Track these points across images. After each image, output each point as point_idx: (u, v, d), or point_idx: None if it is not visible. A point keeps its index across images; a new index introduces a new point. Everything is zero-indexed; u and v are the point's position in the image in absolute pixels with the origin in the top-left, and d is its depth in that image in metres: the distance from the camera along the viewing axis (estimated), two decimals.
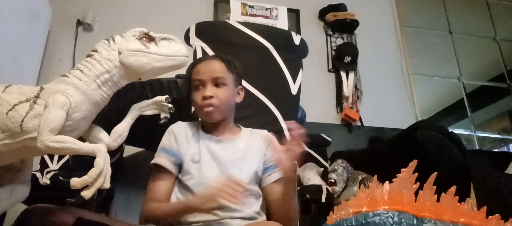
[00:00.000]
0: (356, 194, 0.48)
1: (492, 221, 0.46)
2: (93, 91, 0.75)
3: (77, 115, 0.73)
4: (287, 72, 1.48)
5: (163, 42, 0.81)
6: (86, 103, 0.74)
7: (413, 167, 0.47)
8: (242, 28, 1.48)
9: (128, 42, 0.78)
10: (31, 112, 0.69)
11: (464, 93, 3.00)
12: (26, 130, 0.69)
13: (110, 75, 0.77)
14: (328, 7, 2.85)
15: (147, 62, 0.78)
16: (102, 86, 0.76)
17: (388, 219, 0.44)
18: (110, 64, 0.76)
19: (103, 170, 0.67)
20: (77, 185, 0.64)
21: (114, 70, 0.77)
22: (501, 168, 1.73)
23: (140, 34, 0.80)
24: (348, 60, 2.66)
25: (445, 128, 1.71)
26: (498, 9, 3.40)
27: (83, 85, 0.74)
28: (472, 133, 2.91)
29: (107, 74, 0.76)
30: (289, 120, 1.41)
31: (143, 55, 0.78)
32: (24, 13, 1.90)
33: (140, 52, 0.77)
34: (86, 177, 0.64)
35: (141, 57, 0.77)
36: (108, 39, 0.80)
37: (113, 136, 0.83)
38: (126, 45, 0.78)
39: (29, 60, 2.02)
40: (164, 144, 1.09)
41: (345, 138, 2.52)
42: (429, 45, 3.15)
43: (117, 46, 0.78)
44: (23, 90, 0.73)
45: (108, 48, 0.78)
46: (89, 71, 0.75)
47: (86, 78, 0.74)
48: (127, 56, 0.77)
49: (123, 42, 0.78)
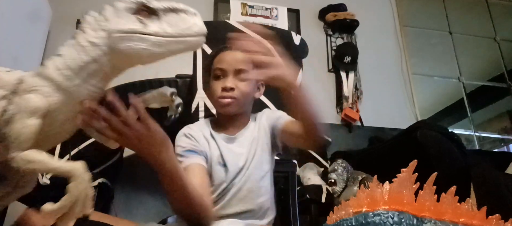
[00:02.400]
0: (356, 194, 0.48)
1: (492, 221, 0.46)
2: (77, 88, 0.58)
3: (59, 118, 0.59)
4: None
5: (169, 16, 0.58)
6: (69, 103, 0.58)
7: (413, 167, 0.47)
8: (242, 28, 1.48)
9: (119, 19, 0.57)
10: (5, 115, 0.56)
11: (464, 93, 3.01)
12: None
13: (99, 65, 0.58)
14: (328, 7, 2.85)
15: (144, 48, 0.56)
16: (89, 80, 0.58)
17: (388, 219, 0.44)
18: (98, 51, 0.57)
19: (80, 197, 0.55)
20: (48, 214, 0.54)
21: (104, 59, 0.58)
22: (501, 168, 1.73)
23: (137, 6, 0.57)
24: (348, 60, 2.66)
25: (445, 128, 1.71)
26: (498, 9, 3.40)
27: (64, 82, 0.57)
28: (472, 133, 2.91)
29: (95, 64, 0.58)
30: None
31: (139, 38, 0.56)
32: (24, 13, 1.90)
33: (135, 35, 0.56)
34: (59, 205, 0.53)
35: (137, 41, 0.56)
36: (100, 11, 0.61)
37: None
38: (116, 24, 0.57)
39: (29, 60, 2.02)
40: (185, 147, 1.00)
41: (345, 138, 2.52)
42: (429, 45, 3.15)
43: (106, 25, 0.58)
44: (3, 81, 0.59)
45: (96, 27, 0.59)
46: (72, 60, 0.57)
47: (68, 70, 0.57)
48: (117, 40, 0.56)
49: (113, 19, 0.58)
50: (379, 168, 0.97)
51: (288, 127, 1.03)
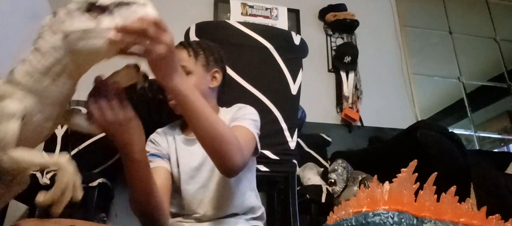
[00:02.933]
0: (356, 194, 0.48)
1: (492, 221, 0.46)
2: (47, 88, 0.60)
3: (37, 118, 0.61)
4: (287, 72, 1.48)
5: (121, 9, 0.58)
6: (43, 104, 0.61)
7: (413, 167, 0.47)
8: (242, 28, 1.48)
9: (72, 20, 0.58)
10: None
11: (464, 93, 3.01)
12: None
13: (63, 65, 0.59)
14: (328, 7, 2.85)
15: (101, 44, 0.57)
16: (58, 79, 0.60)
17: (388, 219, 0.44)
18: (58, 54, 0.59)
19: (69, 184, 0.58)
20: (44, 202, 0.58)
21: (66, 59, 0.59)
22: (501, 168, 1.73)
23: (86, 5, 0.58)
24: (348, 60, 2.66)
25: (445, 128, 1.71)
26: (498, 9, 3.40)
27: (33, 85, 0.59)
28: (472, 133, 2.91)
29: (59, 65, 0.59)
30: (288, 120, 1.42)
31: (94, 36, 0.57)
32: (24, 13, 1.90)
33: (90, 33, 0.57)
34: (51, 193, 0.57)
35: (93, 39, 0.57)
36: (53, 13, 0.61)
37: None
38: (70, 25, 0.58)
39: None
40: (152, 151, 1.05)
41: (345, 138, 2.52)
42: (429, 45, 3.15)
43: (61, 28, 0.59)
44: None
45: (50, 33, 0.59)
46: (37, 63, 0.59)
47: (36, 74, 0.59)
48: (75, 40, 0.57)
49: (67, 21, 0.58)
50: (379, 168, 0.97)
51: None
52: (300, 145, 2.10)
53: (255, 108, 1.35)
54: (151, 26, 0.60)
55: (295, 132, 1.44)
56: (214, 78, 1.12)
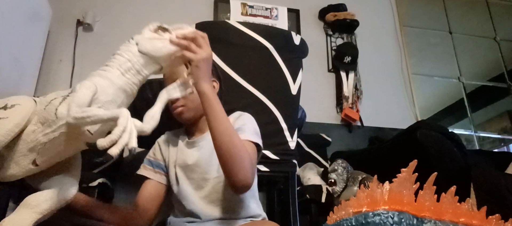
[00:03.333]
0: (356, 194, 0.48)
1: (492, 221, 0.46)
2: (117, 77, 0.79)
3: (104, 98, 0.76)
4: (287, 72, 1.48)
5: (178, 30, 0.86)
6: (111, 88, 0.78)
7: (413, 167, 0.47)
8: (242, 28, 1.48)
9: (144, 35, 0.84)
10: (64, 102, 0.76)
11: (464, 93, 3.01)
12: (59, 117, 0.74)
13: (132, 63, 0.81)
14: (328, 7, 2.85)
15: (163, 45, 0.82)
16: (125, 73, 0.80)
17: (388, 219, 0.44)
18: (130, 54, 0.81)
19: (127, 128, 0.69)
20: (104, 144, 0.66)
21: (134, 59, 0.81)
22: (501, 168, 1.73)
23: (155, 27, 0.84)
24: (348, 60, 2.66)
25: (445, 128, 1.71)
26: (498, 9, 3.40)
27: (107, 74, 0.79)
28: (472, 133, 2.91)
29: (129, 62, 0.81)
30: (288, 120, 1.42)
31: (158, 40, 0.83)
32: (24, 13, 1.90)
33: (155, 39, 0.83)
34: (111, 135, 0.67)
35: (157, 42, 0.82)
36: (128, 40, 0.86)
37: (146, 118, 0.82)
38: (142, 36, 0.83)
39: (29, 60, 2.02)
40: (149, 156, 1.17)
41: (345, 138, 2.52)
42: (429, 45, 3.15)
43: (135, 41, 0.83)
44: (60, 93, 0.81)
45: (127, 44, 0.84)
46: (112, 63, 0.81)
47: (110, 68, 0.80)
48: (144, 43, 0.82)
49: (140, 36, 0.84)
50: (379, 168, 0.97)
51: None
52: (300, 145, 2.10)
53: (255, 108, 1.35)
54: (199, 37, 0.87)
55: (295, 132, 1.44)
56: (213, 87, 1.15)
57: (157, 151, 1.17)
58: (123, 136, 0.68)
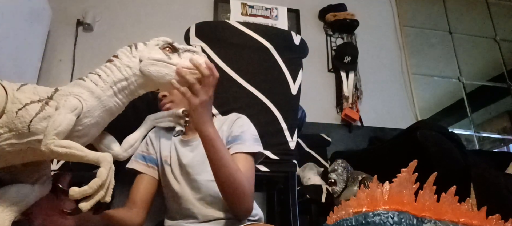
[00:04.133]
0: (356, 194, 0.48)
1: (492, 221, 0.46)
2: (108, 98, 0.71)
3: (88, 121, 0.69)
4: (287, 72, 1.48)
5: (186, 54, 0.78)
6: (99, 109, 0.70)
7: (413, 167, 0.47)
8: (242, 28, 1.48)
9: (150, 51, 0.75)
10: (41, 113, 0.65)
11: (464, 93, 3.01)
12: (33, 132, 0.64)
13: (128, 83, 0.73)
14: (328, 7, 2.85)
15: (167, 73, 0.74)
16: (118, 94, 0.73)
17: (388, 219, 0.44)
18: (130, 72, 0.73)
19: (106, 182, 0.63)
20: (76, 195, 0.60)
21: (133, 78, 0.73)
22: (501, 168, 1.73)
23: (164, 44, 0.76)
24: (348, 60, 2.66)
25: (445, 128, 1.71)
26: (498, 9, 3.40)
27: (98, 90, 0.70)
28: (472, 133, 2.91)
29: (125, 81, 0.73)
30: (288, 120, 1.42)
31: (164, 65, 0.74)
32: (24, 13, 1.90)
33: (162, 63, 0.74)
34: (86, 188, 0.61)
35: (162, 68, 0.74)
36: (130, 45, 0.77)
37: (124, 146, 0.78)
38: (148, 53, 0.74)
39: (29, 60, 2.02)
40: (142, 151, 1.16)
41: (345, 138, 2.52)
42: (429, 45, 3.15)
43: (138, 54, 0.75)
44: (37, 90, 0.70)
45: (129, 55, 0.75)
46: (107, 76, 0.72)
47: (103, 83, 0.71)
48: (148, 64, 0.73)
49: (145, 50, 0.75)
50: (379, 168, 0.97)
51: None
52: (300, 145, 2.10)
53: (255, 108, 1.35)
54: (210, 77, 0.79)
55: (295, 132, 1.44)
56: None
57: (150, 145, 1.16)
58: (99, 191, 0.62)
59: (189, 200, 1.03)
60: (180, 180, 1.06)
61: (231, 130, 1.07)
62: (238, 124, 1.09)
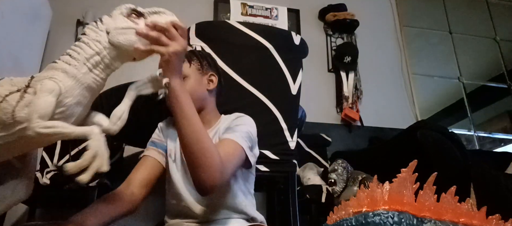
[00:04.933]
0: (356, 194, 0.48)
1: (492, 221, 0.46)
2: (84, 75, 0.71)
3: (69, 101, 0.69)
4: (287, 72, 1.48)
5: (153, 16, 0.76)
6: (78, 88, 0.70)
7: (413, 167, 0.47)
8: (242, 28, 1.48)
9: (115, 21, 0.74)
10: (21, 101, 0.66)
11: (464, 93, 3.01)
12: (18, 120, 0.66)
13: (101, 57, 0.72)
14: (328, 7, 2.84)
15: (138, 38, 0.73)
16: (93, 69, 0.72)
17: (388, 219, 0.44)
18: (100, 46, 0.72)
19: (99, 152, 0.64)
20: (73, 169, 0.62)
21: (105, 52, 0.72)
22: (501, 168, 1.73)
23: (128, 11, 0.75)
24: (348, 60, 2.66)
25: (445, 128, 1.71)
26: (498, 9, 3.40)
27: (72, 69, 0.70)
28: (472, 133, 2.91)
29: (97, 56, 0.72)
30: (288, 120, 1.42)
31: (132, 32, 0.73)
32: (24, 13, 1.90)
33: (129, 29, 0.73)
34: (80, 160, 0.62)
35: (131, 35, 0.73)
36: (96, 21, 0.76)
37: (113, 119, 0.77)
38: (114, 23, 0.73)
39: (29, 60, 2.02)
40: (153, 138, 1.14)
41: (345, 138, 2.52)
42: (429, 45, 3.15)
43: (105, 27, 0.74)
44: (14, 82, 0.71)
45: (96, 30, 0.74)
46: (78, 54, 0.71)
47: (75, 62, 0.70)
48: (116, 35, 0.72)
49: (111, 21, 0.74)
50: (379, 168, 0.97)
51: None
52: (300, 145, 2.10)
53: (255, 108, 1.35)
54: (172, 28, 0.78)
55: (295, 132, 1.44)
56: (211, 82, 1.15)
57: (160, 133, 1.15)
58: (94, 161, 0.63)
59: (189, 199, 1.03)
60: (181, 177, 1.05)
61: (229, 124, 1.06)
62: (238, 120, 1.08)
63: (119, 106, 0.78)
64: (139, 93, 0.81)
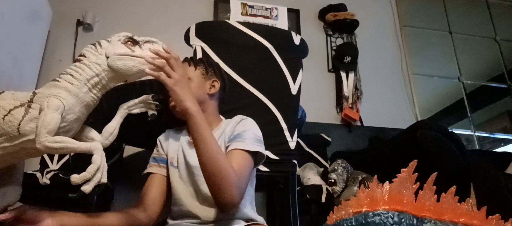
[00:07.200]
0: (356, 194, 0.48)
1: (492, 221, 0.46)
2: (84, 94, 0.79)
3: (70, 117, 0.76)
4: (287, 72, 1.48)
5: (147, 45, 0.85)
6: (78, 105, 0.78)
7: (413, 167, 0.47)
8: (242, 28, 1.48)
9: (114, 47, 0.82)
10: (27, 115, 0.73)
11: (464, 93, 3.01)
12: (23, 133, 0.72)
13: (99, 78, 0.80)
14: (328, 7, 2.85)
15: (133, 65, 0.81)
16: (92, 89, 0.80)
17: (388, 219, 0.44)
18: (99, 68, 0.80)
19: (101, 166, 0.72)
20: (77, 181, 0.68)
21: (103, 74, 0.80)
22: (501, 168, 1.73)
23: (125, 38, 0.83)
24: (348, 60, 2.66)
25: (445, 128, 1.71)
26: (498, 9, 3.40)
27: (74, 89, 0.77)
28: (472, 133, 2.91)
29: (97, 77, 0.80)
30: (288, 120, 1.42)
31: (129, 58, 0.81)
32: (24, 13, 1.90)
33: (127, 56, 0.81)
34: (85, 173, 0.69)
35: (128, 61, 0.81)
36: (94, 44, 0.83)
37: (105, 134, 0.85)
38: (113, 49, 0.81)
39: (29, 60, 2.02)
40: (153, 154, 1.16)
41: (345, 138, 2.52)
42: (429, 45, 3.15)
43: (104, 51, 0.82)
44: (16, 96, 0.77)
45: (95, 53, 0.81)
46: (79, 75, 0.78)
47: (77, 82, 0.78)
48: (115, 60, 0.80)
49: (109, 47, 0.82)
50: (379, 168, 0.97)
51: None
52: (300, 145, 2.10)
53: (255, 108, 1.35)
54: (172, 58, 0.87)
55: (295, 132, 1.44)
56: (213, 86, 1.17)
57: (159, 147, 1.17)
58: (96, 174, 0.70)
59: (192, 200, 1.04)
60: (185, 181, 1.06)
61: (234, 130, 1.07)
62: (242, 124, 1.09)
63: (110, 123, 0.87)
64: (130, 112, 0.90)
